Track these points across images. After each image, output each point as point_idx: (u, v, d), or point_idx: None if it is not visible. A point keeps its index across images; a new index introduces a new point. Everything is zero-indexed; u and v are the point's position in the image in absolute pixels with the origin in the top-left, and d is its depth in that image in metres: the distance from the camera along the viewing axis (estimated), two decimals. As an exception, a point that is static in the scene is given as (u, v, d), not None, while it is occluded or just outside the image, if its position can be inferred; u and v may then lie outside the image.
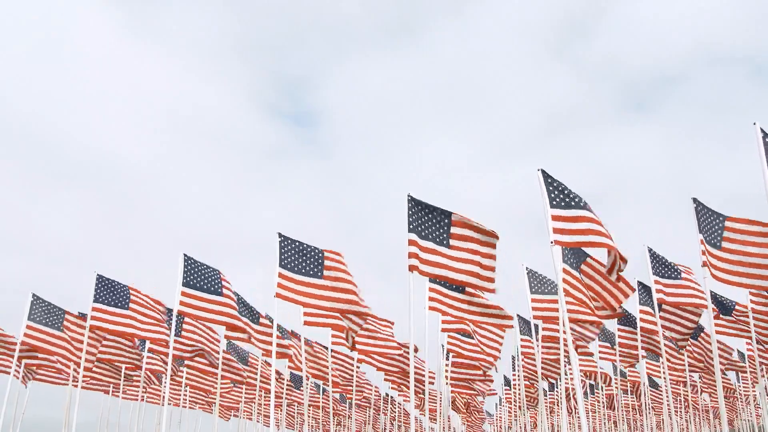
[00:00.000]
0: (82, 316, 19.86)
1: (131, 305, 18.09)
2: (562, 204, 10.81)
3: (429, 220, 12.56)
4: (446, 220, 12.61)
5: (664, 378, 20.54)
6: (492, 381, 26.46)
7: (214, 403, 26.56)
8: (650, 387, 29.70)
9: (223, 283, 16.24)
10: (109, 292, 17.91)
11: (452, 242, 12.51)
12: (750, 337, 19.30)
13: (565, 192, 10.88)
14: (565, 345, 15.42)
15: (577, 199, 10.87)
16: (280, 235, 14.96)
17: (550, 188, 10.85)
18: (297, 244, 14.94)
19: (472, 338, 20.74)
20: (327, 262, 14.79)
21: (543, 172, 10.91)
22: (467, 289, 15.65)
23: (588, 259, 14.44)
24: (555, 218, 10.67)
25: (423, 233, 12.44)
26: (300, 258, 14.80)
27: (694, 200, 13.01)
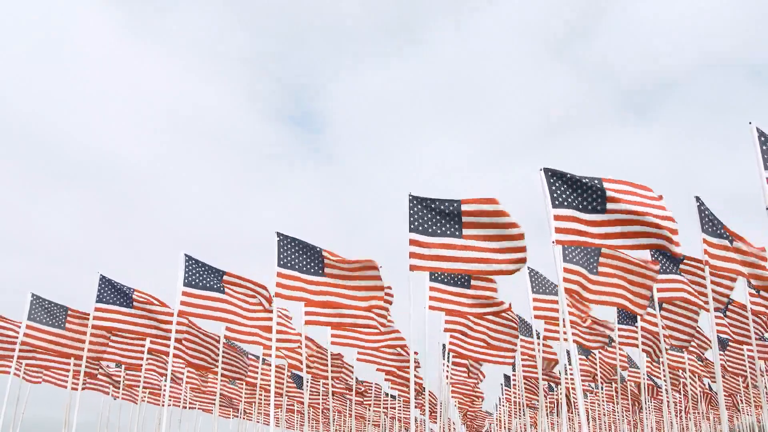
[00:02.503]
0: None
1: (135, 304, 18.06)
2: (566, 204, 10.68)
3: (437, 215, 12.34)
4: (456, 207, 12.16)
5: (665, 378, 20.55)
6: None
7: (214, 403, 26.55)
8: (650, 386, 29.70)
9: (225, 281, 16.24)
10: (112, 291, 17.91)
11: (465, 231, 12.12)
12: (749, 337, 19.35)
13: (578, 191, 10.60)
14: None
15: (591, 199, 10.62)
16: (278, 234, 14.95)
17: (554, 187, 10.71)
18: (297, 242, 14.93)
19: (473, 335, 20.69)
20: (327, 261, 14.82)
21: (545, 170, 10.78)
22: (473, 282, 15.67)
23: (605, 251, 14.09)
24: (557, 218, 10.60)
25: (430, 229, 12.25)
26: (300, 256, 14.81)
27: (697, 199, 13.07)
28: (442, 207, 12.31)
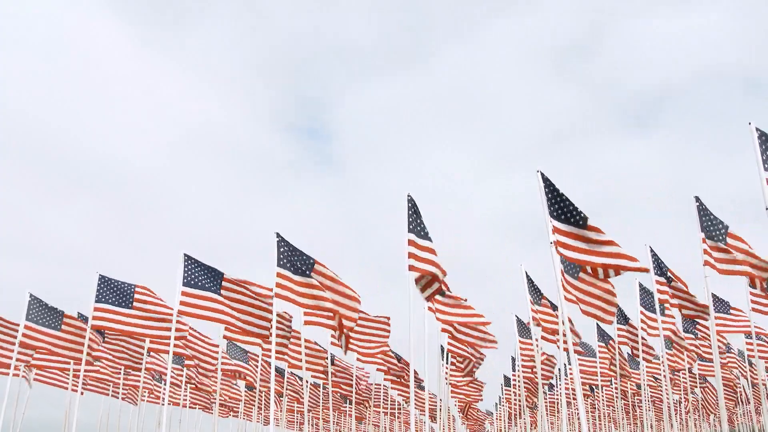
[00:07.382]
0: (82, 318, 19.81)
1: (135, 304, 17.95)
2: (560, 216, 10.71)
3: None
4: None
5: (665, 378, 20.53)
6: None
7: (214, 402, 26.56)
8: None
9: (224, 284, 16.24)
10: (111, 291, 17.83)
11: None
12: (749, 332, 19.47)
13: (562, 204, 10.70)
14: (565, 345, 15.41)
15: (572, 214, 10.67)
16: (277, 235, 14.97)
17: (547, 190, 10.77)
18: (291, 247, 15.00)
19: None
20: (317, 266, 14.94)
21: (542, 174, 10.80)
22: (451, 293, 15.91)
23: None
24: (554, 223, 10.65)
25: (422, 233, 12.61)
26: (295, 258, 14.86)
27: (697, 199, 13.13)
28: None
